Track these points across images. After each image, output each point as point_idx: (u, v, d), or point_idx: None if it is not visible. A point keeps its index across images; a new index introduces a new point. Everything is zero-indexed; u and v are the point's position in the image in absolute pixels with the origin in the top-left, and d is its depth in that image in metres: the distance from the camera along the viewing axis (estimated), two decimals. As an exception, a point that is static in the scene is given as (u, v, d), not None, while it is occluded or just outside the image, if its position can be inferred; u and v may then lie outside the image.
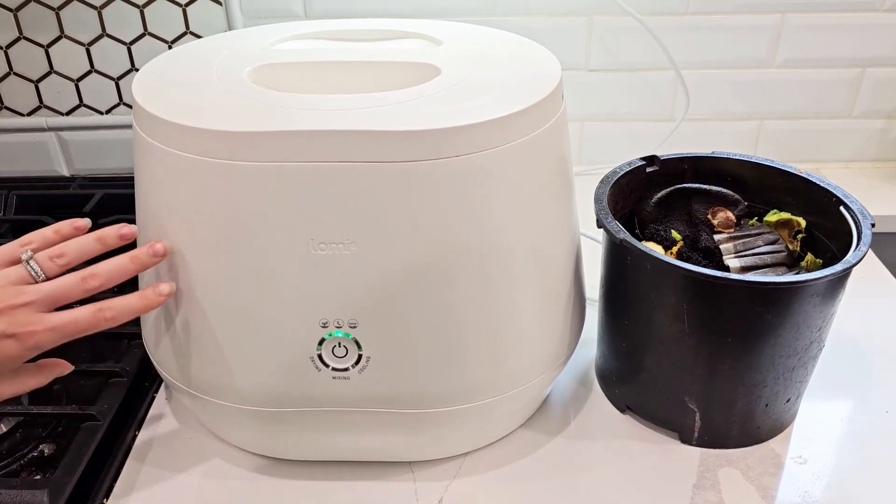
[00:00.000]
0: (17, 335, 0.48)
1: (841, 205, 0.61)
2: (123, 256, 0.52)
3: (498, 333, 0.56)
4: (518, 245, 0.55)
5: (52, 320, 0.49)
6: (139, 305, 0.52)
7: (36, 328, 0.48)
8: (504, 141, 0.51)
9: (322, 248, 0.51)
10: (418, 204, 0.50)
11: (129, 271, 0.52)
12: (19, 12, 0.96)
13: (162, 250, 0.53)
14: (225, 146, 0.49)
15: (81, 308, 0.50)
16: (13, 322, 0.48)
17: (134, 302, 0.52)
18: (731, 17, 0.95)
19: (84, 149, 1.05)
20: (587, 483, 0.61)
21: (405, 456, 0.62)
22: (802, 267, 0.63)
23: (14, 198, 1.00)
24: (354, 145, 0.48)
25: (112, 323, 0.51)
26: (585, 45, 0.97)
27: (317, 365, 0.55)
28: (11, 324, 0.48)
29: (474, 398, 0.58)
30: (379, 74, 0.60)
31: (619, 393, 0.67)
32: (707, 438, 0.63)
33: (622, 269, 0.61)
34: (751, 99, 1.01)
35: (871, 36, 0.96)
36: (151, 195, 0.55)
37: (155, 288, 0.53)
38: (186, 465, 0.63)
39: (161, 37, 0.98)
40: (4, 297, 0.48)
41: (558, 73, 0.57)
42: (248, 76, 0.58)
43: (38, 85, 1.01)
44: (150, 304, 0.53)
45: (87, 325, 0.50)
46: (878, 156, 1.06)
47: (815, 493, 0.59)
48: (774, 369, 0.58)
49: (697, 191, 0.67)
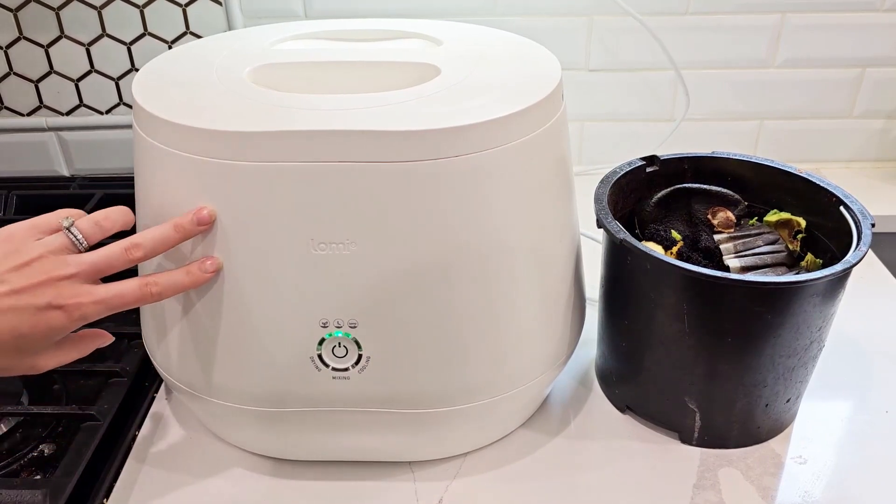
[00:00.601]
0: (64, 307, 0.47)
1: (841, 205, 0.61)
2: (166, 225, 0.51)
3: (498, 333, 0.56)
4: (518, 245, 0.55)
5: (100, 293, 0.48)
6: (186, 281, 0.51)
7: (83, 300, 0.48)
8: (504, 141, 0.51)
9: (322, 248, 0.51)
10: (418, 204, 0.50)
11: (174, 240, 0.51)
12: (19, 12, 0.96)
13: (207, 217, 0.50)
14: (225, 146, 0.49)
15: (128, 281, 0.50)
16: (59, 294, 0.47)
17: (181, 278, 0.51)
18: (731, 17, 0.95)
19: (84, 149, 1.05)
20: (587, 483, 0.61)
21: (405, 456, 0.62)
22: (802, 267, 0.63)
23: (14, 198, 1.00)
24: (354, 145, 0.48)
25: (158, 298, 0.50)
26: (585, 45, 0.98)
27: (317, 365, 0.55)
28: (57, 295, 0.47)
29: (474, 398, 0.58)
30: (379, 74, 0.60)
31: (619, 393, 0.67)
32: (707, 438, 0.63)
33: (622, 269, 0.61)
34: (751, 99, 1.01)
35: (871, 36, 0.96)
36: (151, 195, 0.55)
37: (202, 264, 0.51)
38: (186, 465, 0.63)
39: (161, 37, 0.98)
40: (49, 268, 0.47)
41: (558, 73, 0.57)
42: (248, 76, 0.58)
43: (38, 85, 1.01)
44: (197, 281, 0.52)
45: (133, 298, 0.50)
46: (878, 156, 1.06)
47: (815, 493, 0.59)
48: (774, 369, 0.58)
49: (697, 191, 0.67)
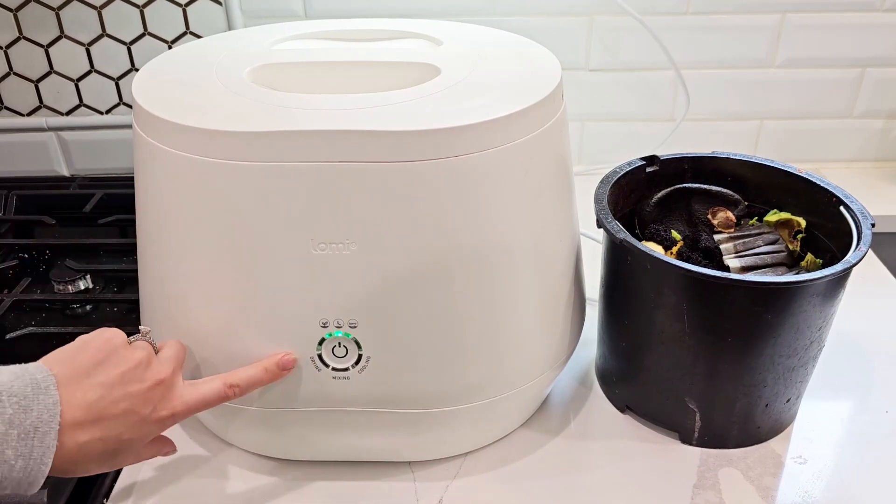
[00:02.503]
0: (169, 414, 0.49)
1: (841, 205, 0.61)
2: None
3: (498, 333, 0.56)
4: (518, 245, 0.55)
5: (188, 398, 0.50)
6: (266, 378, 0.54)
7: (176, 405, 0.49)
8: (504, 141, 0.51)
9: (322, 248, 0.51)
10: (418, 204, 0.50)
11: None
12: (19, 12, 0.96)
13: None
14: (225, 146, 0.49)
15: (211, 383, 0.52)
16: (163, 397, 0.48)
17: (260, 375, 0.53)
18: (731, 17, 0.95)
19: (84, 149, 1.05)
20: (587, 483, 0.61)
21: (405, 456, 0.62)
22: (802, 267, 0.63)
23: (14, 198, 1.00)
24: (354, 145, 0.48)
25: (236, 398, 0.53)
26: (585, 45, 0.98)
27: (317, 365, 0.55)
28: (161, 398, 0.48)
29: (474, 398, 0.58)
30: (379, 74, 0.60)
31: (619, 393, 0.67)
32: (707, 438, 0.63)
33: (622, 269, 0.61)
34: (751, 99, 1.01)
35: (871, 36, 0.96)
36: (151, 195, 0.55)
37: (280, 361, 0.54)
38: (186, 465, 0.63)
39: (161, 37, 0.98)
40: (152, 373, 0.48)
41: (558, 73, 0.57)
42: (248, 76, 0.58)
43: (38, 85, 1.01)
44: (275, 378, 0.54)
45: (216, 402, 0.52)
46: (878, 156, 1.06)
47: (815, 493, 0.59)
48: (774, 369, 0.58)
49: (697, 191, 0.67)
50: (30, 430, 0.41)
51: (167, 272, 0.56)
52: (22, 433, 0.41)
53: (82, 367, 0.45)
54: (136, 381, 0.47)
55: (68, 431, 0.43)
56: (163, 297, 0.57)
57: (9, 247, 0.92)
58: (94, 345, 0.47)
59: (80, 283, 0.84)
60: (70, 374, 0.45)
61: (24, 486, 0.42)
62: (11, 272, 0.88)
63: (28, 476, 0.41)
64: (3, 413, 0.40)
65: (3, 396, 0.41)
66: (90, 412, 0.44)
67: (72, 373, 0.45)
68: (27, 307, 0.82)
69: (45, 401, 0.42)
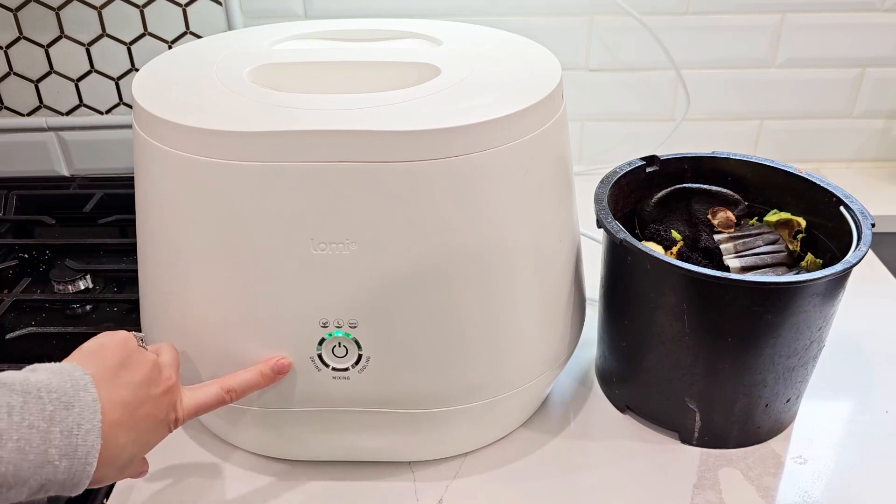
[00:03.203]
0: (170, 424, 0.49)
1: (841, 205, 0.61)
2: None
3: (498, 333, 0.56)
4: (518, 245, 0.55)
5: (189, 403, 0.51)
6: (262, 382, 0.54)
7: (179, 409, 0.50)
8: (504, 141, 0.51)
9: (322, 248, 0.51)
10: (418, 204, 0.50)
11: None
12: (19, 12, 0.96)
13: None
14: (225, 146, 0.49)
15: (208, 388, 0.52)
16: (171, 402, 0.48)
17: (256, 380, 0.54)
18: (731, 17, 0.95)
19: (84, 149, 1.05)
20: (587, 483, 0.61)
21: (405, 456, 0.62)
22: (802, 267, 0.63)
23: (14, 198, 1.00)
24: (354, 145, 0.48)
25: (232, 402, 0.53)
26: (585, 44, 0.97)
27: (317, 365, 0.55)
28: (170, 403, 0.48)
29: (474, 398, 0.58)
30: (379, 74, 0.60)
31: (619, 393, 0.67)
32: (707, 438, 0.63)
33: (622, 269, 0.61)
34: (751, 99, 1.01)
35: (871, 36, 0.96)
36: (151, 195, 0.55)
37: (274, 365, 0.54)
38: (187, 465, 0.63)
39: (161, 37, 0.98)
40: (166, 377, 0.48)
41: (558, 73, 0.57)
42: (248, 76, 0.58)
43: (38, 85, 1.01)
44: (270, 382, 0.55)
45: (214, 407, 0.52)
46: (878, 156, 1.06)
47: (815, 493, 0.59)
48: (774, 369, 0.58)
49: (697, 191, 0.67)
50: (73, 426, 0.39)
51: (167, 272, 0.56)
52: (65, 430, 0.39)
53: (110, 366, 0.44)
54: (154, 384, 0.46)
55: (109, 430, 0.42)
56: (163, 297, 0.57)
57: (9, 247, 0.92)
58: (112, 346, 0.46)
59: (80, 283, 0.84)
60: (101, 373, 0.43)
61: (68, 488, 0.40)
62: (11, 272, 0.88)
63: (73, 477, 0.40)
64: (44, 410, 0.39)
65: (43, 393, 0.39)
66: (125, 412, 0.43)
67: (103, 372, 0.43)
68: (27, 307, 0.82)
69: (85, 398, 0.41)
